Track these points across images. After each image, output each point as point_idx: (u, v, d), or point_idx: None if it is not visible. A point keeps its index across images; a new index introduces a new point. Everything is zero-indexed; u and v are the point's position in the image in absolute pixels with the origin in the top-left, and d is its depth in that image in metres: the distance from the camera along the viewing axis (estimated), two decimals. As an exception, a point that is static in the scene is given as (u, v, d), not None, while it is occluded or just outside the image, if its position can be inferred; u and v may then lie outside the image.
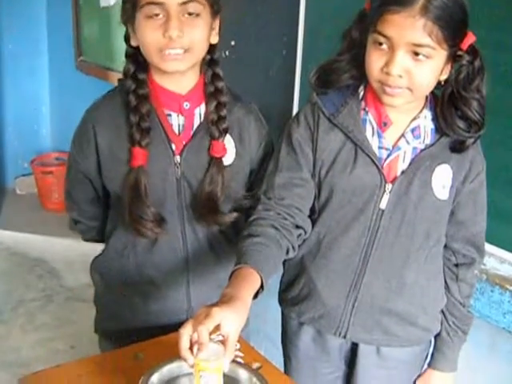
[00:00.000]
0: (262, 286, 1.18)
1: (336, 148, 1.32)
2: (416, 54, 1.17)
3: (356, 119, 1.30)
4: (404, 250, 1.34)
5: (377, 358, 1.43)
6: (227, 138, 1.42)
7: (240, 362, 1.23)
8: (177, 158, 1.40)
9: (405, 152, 1.31)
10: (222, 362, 1.06)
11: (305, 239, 1.38)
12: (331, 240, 1.36)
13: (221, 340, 1.07)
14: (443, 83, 1.27)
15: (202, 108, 1.43)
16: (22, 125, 4.50)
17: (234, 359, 1.18)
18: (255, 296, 1.17)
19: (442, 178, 1.31)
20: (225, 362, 1.07)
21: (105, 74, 3.57)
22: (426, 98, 1.31)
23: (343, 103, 1.32)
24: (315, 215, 1.38)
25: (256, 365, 1.27)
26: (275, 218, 1.31)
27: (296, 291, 1.44)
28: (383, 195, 1.31)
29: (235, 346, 1.11)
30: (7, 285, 3.36)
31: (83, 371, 1.25)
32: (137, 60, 1.39)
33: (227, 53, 2.27)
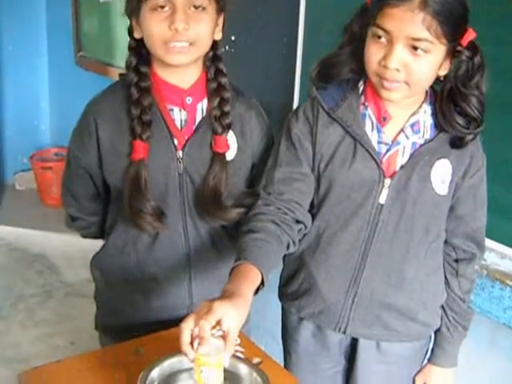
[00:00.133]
0: (263, 282, 1.18)
1: (335, 142, 1.32)
2: (414, 49, 1.17)
3: (355, 114, 1.30)
4: (403, 245, 1.34)
5: (377, 353, 1.43)
6: (229, 134, 1.42)
7: (240, 357, 1.23)
8: (179, 153, 1.40)
9: (404, 147, 1.30)
10: (223, 357, 1.07)
11: (305, 234, 1.38)
12: (331, 235, 1.36)
13: (221, 335, 1.06)
14: (443, 79, 1.27)
15: (204, 103, 1.42)
16: (22, 120, 4.49)
17: (235, 354, 1.18)
18: (256, 292, 1.16)
19: (442, 173, 1.31)
20: (225, 357, 1.07)
21: (104, 70, 3.56)
22: (426, 93, 1.31)
23: (343, 98, 1.32)
24: (314, 209, 1.38)
25: (256, 360, 1.27)
26: (275, 213, 1.31)
27: (296, 286, 1.45)
28: (382, 190, 1.31)
29: (235, 342, 1.11)
30: (7, 280, 3.36)
31: (83, 366, 1.25)
32: (139, 53, 1.39)
33: (227, 47, 2.27)
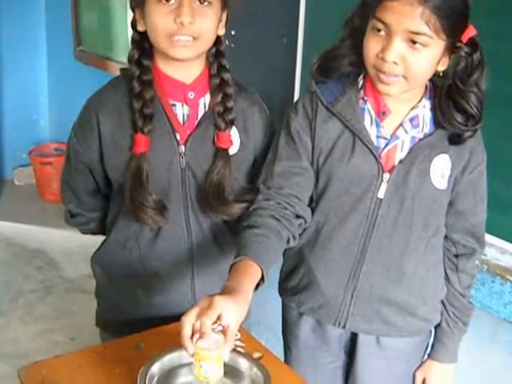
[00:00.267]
0: (263, 278, 1.18)
1: (334, 136, 1.32)
2: (413, 43, 1.17)
3: (354, 108, 1.30)
4: (402, 240, 1.34)
5: (376, 348, 1.43)
6: (232, 129, 1.42)
7: (241, 352, 1.23)
8: (181, 148, 1.40)
9: (403, 141, 1.30)
10: (223, 352, 1.07)
11: (305, 228, 1.38)
12: (330, 230, 1.36)
13: (221, 330, 1.06)
14: (442, 75, 1.26)
15: (207, 98, 1.42)
16: (21, 115, 4.47)
17: (235, 349, 1.18)
18: (256, 288, 1.16)
19: (441, 168, 1.31)
20: (225, 352, 1.07)
21: (104, 64, 3.55)
22: (426, 88, 1.31)
23: (342, 92, 1.32)
24: (313, 204, 1.38)
25: (257, 355, 1.27)
26: (275, 208, 1.31)
27: (296, 281, 1.44)
28: (381, 184, 1.30)
29: (235, 336, 1.11)
30: (6, 276, 3.35)
31: (84, 361, 1.25)
32: (142, 46, 1.39)
33: (227, 42, 2.26)
